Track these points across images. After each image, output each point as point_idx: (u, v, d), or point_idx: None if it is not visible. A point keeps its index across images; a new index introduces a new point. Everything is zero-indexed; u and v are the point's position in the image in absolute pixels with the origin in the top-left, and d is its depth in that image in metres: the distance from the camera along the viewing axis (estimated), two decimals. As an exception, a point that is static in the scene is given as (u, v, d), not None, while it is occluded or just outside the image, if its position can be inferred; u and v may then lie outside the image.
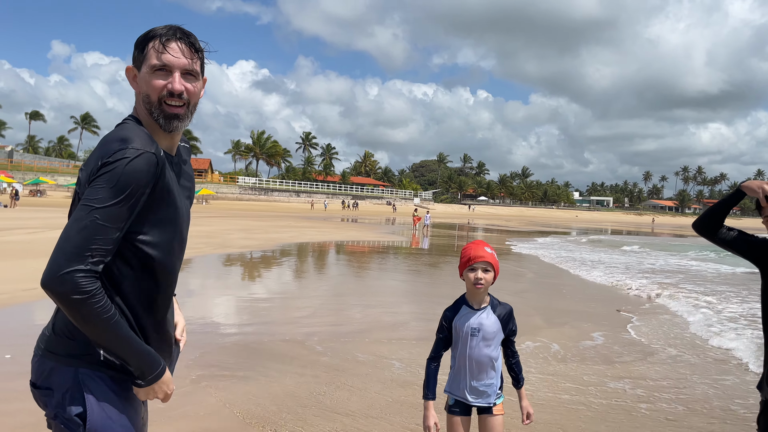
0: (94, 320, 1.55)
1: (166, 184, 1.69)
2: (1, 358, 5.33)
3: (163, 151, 1.72)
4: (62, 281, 1.51)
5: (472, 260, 2.64)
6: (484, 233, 37.97)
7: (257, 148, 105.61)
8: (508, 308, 2.74)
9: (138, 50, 1.71)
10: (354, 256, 18.60)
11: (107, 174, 1.56)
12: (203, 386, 4.83)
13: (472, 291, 2.67)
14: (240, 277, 12.10)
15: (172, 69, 1.68)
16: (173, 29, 1.70)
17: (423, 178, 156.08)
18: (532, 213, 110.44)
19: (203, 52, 1.78)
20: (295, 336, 6.79)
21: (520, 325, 2.96)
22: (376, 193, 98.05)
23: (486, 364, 2.65)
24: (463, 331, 2.66)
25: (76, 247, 1.53)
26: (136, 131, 1.65)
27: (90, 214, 1.54)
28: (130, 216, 1.60)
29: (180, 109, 1.70)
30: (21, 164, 69.52)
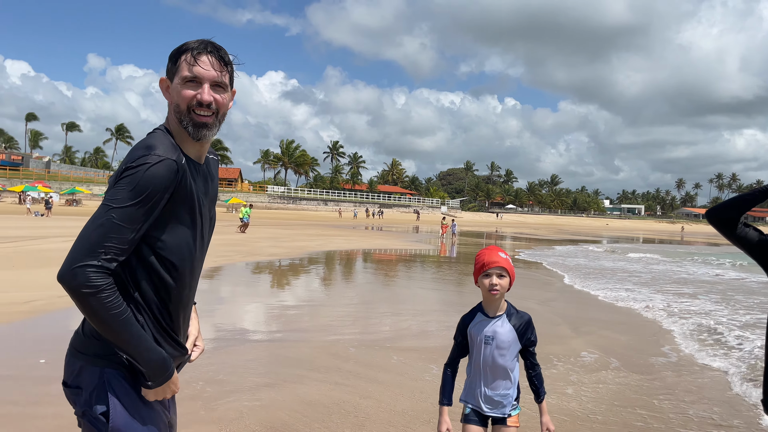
0: (102, 314, 1.59)
1: (187, 191, 1.74)
2: (36, 362, 5.46)
3: (189, 159, 1.78)
4: (74, 275, 1.57)
5: (486, 266, 2.60)
6: (512, 241, 37.58)
7: (286, 158, 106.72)
8: (525, 318, 2.67)
9: (171, 62, 1.79)
10: (381, 264, 18.59)
11: (128, 177, 1.63)
12: (230, 390, 4.87)
13: (488, 298, 2.64)
14: (268, 285, 12.20)
15: (202, 80, 1.75)
16: (204, 43, 1.78)
17: (450, 186, 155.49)
18: (561, 221, 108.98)
19: (232, 66, 1.84)
20: (323, 343, 6.80)
21: (548, 334, 2.91)
22: (403, 202, 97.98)
23: (501, 373, 2.60)
24: (477, 338, 2.63)
25: (90, 244, 1.60)
26: (162, 140, 1.72)
27: (107, 213, 1.61)
28: (146, 219, 1.65)
29: (208, 118, 1.77)
30: (58, 174, 71.45)
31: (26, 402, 4.37)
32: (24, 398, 4.45)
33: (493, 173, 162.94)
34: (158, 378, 1.71)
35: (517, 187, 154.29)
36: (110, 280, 1.61)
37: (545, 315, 9.10)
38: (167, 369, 1.73)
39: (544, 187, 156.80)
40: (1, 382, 4.85)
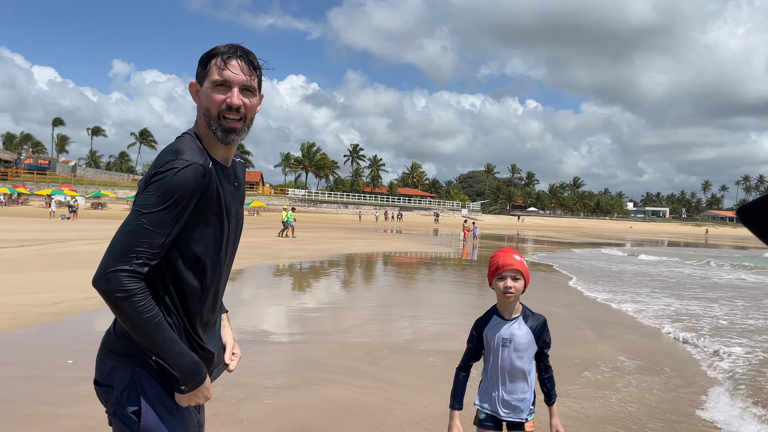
0: (134, 318, 1.62)
1: (215, 195, 1.76)
2: (64, 363, 5.56)
3: (216, 163, 1.80)
4: (108, 279, 1.60)
5: (500, 268, 2.58)
6: (533, 244, 37.29)
7: (306, 161, 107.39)
8: (541, 319, 2.66)
9: (201, 66, 1.81)
10: (402, 267, 18.58)
11: (157, 182, 1.66)
12: (253, 393, 4.90)
13: (503, 300, 2.62)
14: (290, 287, 12.27)
15: (231, 84, 1.77)
16: (234, 47, 1.80)
17: (471, 189, 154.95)
18: (583, 224, 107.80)
19: (261, 70, 1.86)
20: (345, 345, 6.82)
21: (570, 337, 2.88)
22: (424, 204, 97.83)
23: (518, 376, 2.58)
24: (494, 341, 2.61)
25: (122, 249, 1.62)
26: (189, 144, 1.74)
27: (138, 219, 1.64)
28: (176, 223, 1.68)
29: (237, 122, 1.78)
30: (84, 178, 72.77)
31: (55, 402, 4.45)
32: (52, 398, 4.53)
33: (515, 176, 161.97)
34: (190, 382, 1.73)
35: (539, 190, 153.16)
36: (142, 284, 1.63)
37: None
38: (199, 373, 1.74)
39: (566, 190, 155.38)
40: (30, 383, 4.95)
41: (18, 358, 5.71)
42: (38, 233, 23.05)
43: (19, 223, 31.20)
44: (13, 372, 5.24)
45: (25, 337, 6.52)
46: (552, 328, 2.69)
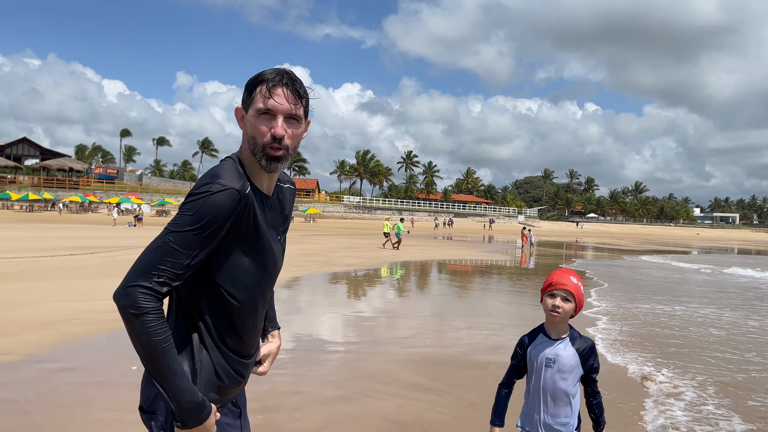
0: (143, 338, 1.58)
1: (251, 222, 1.74)
2: (129, 369, 5.76)
3: (258, 190, 1.79)
4: (126, 294, 1.59)
5: (553, 286, 2.51)
6: (594, 252, 36.21)
7: (361, 168, 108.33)
8: (589, 343, 2.56)
9: (247, 93, 1.80)
10: (457, 275, 18.40)
11: (190, 203, 1.66)
12: (308, 402, 4.93)
13: (549, 319, 2.54)
14: (345, 295, 12.35)
15: (276, 114, 1.74)
16: (280, 74, 1.76)
17: (527, 194, 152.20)
18: (647, 231, 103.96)
19: (308, 98, 1.82)
20: (399, 356, 6.79)
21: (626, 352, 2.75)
22: (479, 211, 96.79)
23: (561, 399, 2.48)
24: (538, 360, 2.53)
25: (146, 265, 1.62)
26: (228, 169, 1.74)
27: (165, 237, 1.64)
28: (203, 246, 1.65)
29: (280, 152, 1.76)
30: (149, 187, 75.84)
31: (119, 407, 4.61)
32: (117, 404, 4.70)
33: (573, 181, 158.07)
34: (189, 422, 1.65)
35: (599, 195, 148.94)
36: (158, 305, 1.61)
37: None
38: (199, 415, 1.65)
39: (627, 195, 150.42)
40: (97, 388, 5.15)
41: (85, 364, 5.96)
42: (106, 240, 24.14)
43: (87, 230, 32.79)
44: (80, 377, 5.48)
45: (92, 343, 6.81)
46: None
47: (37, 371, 5.54)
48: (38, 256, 15.90)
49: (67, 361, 5.95)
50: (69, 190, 66.30)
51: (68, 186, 67.88)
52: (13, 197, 58.91)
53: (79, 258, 15.92)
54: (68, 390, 5.06)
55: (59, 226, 36.41)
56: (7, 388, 5.00)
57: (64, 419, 4.34)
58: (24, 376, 5.38)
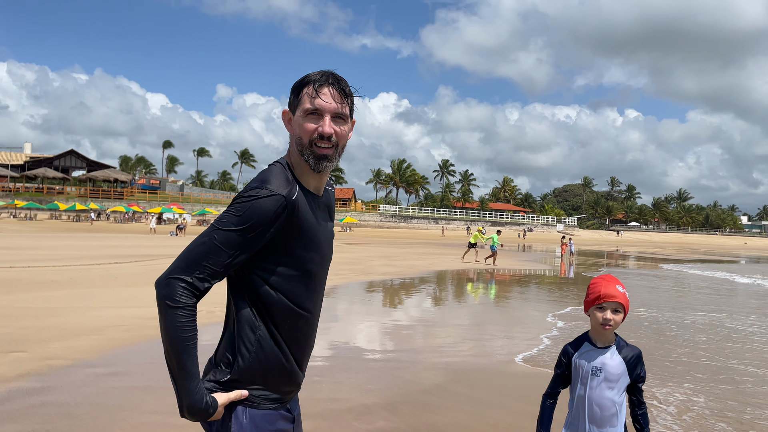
0: (171, 331, 1.62)
1: (301, 225, 1.76)
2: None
3: (308, 192, 1.82)
4: (167, 284, 1.64)
5: (602, 299, 2.43)
6: (636, 261, 35.35)
7: (397, 177, 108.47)
8: (636, 351, 2.49)
9: (293, 95, 1.83)
10: (495, 284, 18.20)
11: (238, 205, 1.70)
12: (346, 410, 4.93)
13: (599, 330, 2.47)
14: (381, 304, 12.36)
15: (323, 113, 1.77)
16: (326, 75, 1.80)
17: (566, 203, 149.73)
18: (691, 239, 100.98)
19: (353, 97, 1.86)
20: (437, 365, 6.75)
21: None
22: (516, 219, 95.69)
23: (608, 408, 2.42)
24: (584, 369, 2.47)
25: (190, 259, 1.66)
26: (277, 174, 1.77)
27: (211, 234, 1.68)
28: (245, 248, 1.69)
29: (329, 150, 1.79)
30: (190, 196, 77.60)
31: (165, 411, 4.71)
32: (163, 408, 4.80)
33: (614, 189, 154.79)
34: (189, 418, 1.70)
35: (641, 204, 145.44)
36: (194, 301, 1.65)
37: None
38: (199, 415, 1.69)
39: (671, 203, 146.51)
40: (144, 392, 5.28)
41: (131, 368, 6.12)
42: (148, 249, 24.76)
43: (129, 239, 33.69)
44: (127, 381, 5.62)
45: (137, 349, 6.98)
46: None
47: (86, 375, 5.71)
48: (85, 264, 16.43)
49: (114, 366, 6.12)
50: (114, 200, 68.38)
51: (113, 196, 70.00)
52: (61, 207, 61.08)
53: (123, 266, 16.38)
54: (115, 394, 5.20)
55: (104, 235, 37.55)
56: (57, 391, 5.17)
57: (111, 422, 4.46)
58: (73, 380, 5.56)
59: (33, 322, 8.04)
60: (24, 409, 4.67)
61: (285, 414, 1.84)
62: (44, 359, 6.17)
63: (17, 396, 4.98)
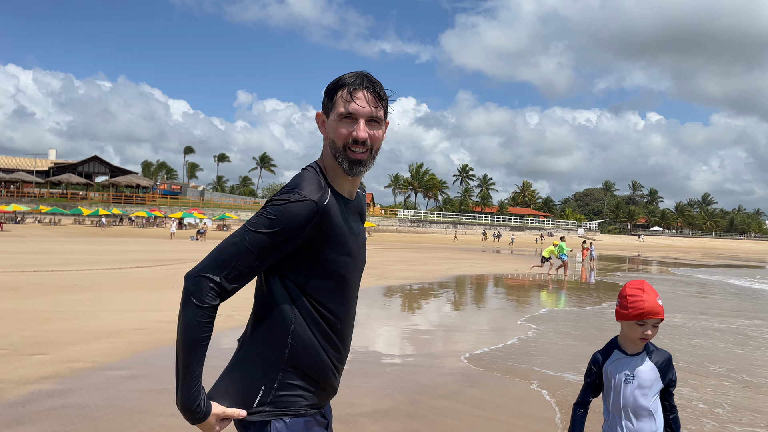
0: (188, 328, 1.63)
1: (333, 229, 1.74)
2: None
3: (340, 196, 1.80)
4: (196, 281, 1.64)
5: (645, 316, 2.36)
6: (659, 266, 34.82)
7: (415, 182, 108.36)
8: (666, 355, 2.44)
9: (327, 98, 1.81)
10: (513, 289, 18.07)
11: (269, 208, 1.69)
12: (362, 414, 4.92)
13: (634, 341, 2.42)
14: (400, 308, 12.32)
15: (357, 117, 1.75)
16: (360, 78, 1.77)
17: (587, 207, 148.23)
18: (715, 244, 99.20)
19: (387, 100, 1.83)
20: (455, 370, 6.70)
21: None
22: (536, 224, 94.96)
23: (644, 416, 2.37)
24: (616, 377, 2.42)
25: (221, 259, 1.66)
26: (310, 179, 1.75)
27: (242, 234, 1.68)
28: (273, 251, 1.68)
29: (363, 154, 1.77)
30: (210, 202, 78.38)
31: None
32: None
33: (636, 193, 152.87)
34: (184, 417, 1.70)
35: (664, 208, 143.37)
36: (217, 303, 1.65)
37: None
38: (194, 416, 1.68)
39: (694, 208, 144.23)
40: (162, 395, 5.31)
41: (151, 372, 6.17)
42: (168, 254, 25.03)
43: (149, 244, 34.10)
44: (146, 384, 5.67)
45: (157, 352, 7.04)
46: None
47: (106, 378, 5.77)
48: (106, 268, 16.66)
49: (133, 369, 6.18)
50: (136, 205, 69.33)
51: (135, 201, 70.99)
52: (85, 213, 62.09)
53: (144, 270, 16.57)
54: (135, 396, 5.25)
55: (125, 239, 38.06)
56: (77, 393, 5.24)
57: (130, 425, 4.50)
58: (93, 382, 5.62)
59: (55, 325, 8.17)
60: (45, 411, 4.73)
61: (320, 420, 1.83)
62: (66, 362, 6.26)
63: (39, 398, 5.05)
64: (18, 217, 62.38)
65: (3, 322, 8.24)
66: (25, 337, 7.33)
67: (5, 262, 17.63)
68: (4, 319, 8.42)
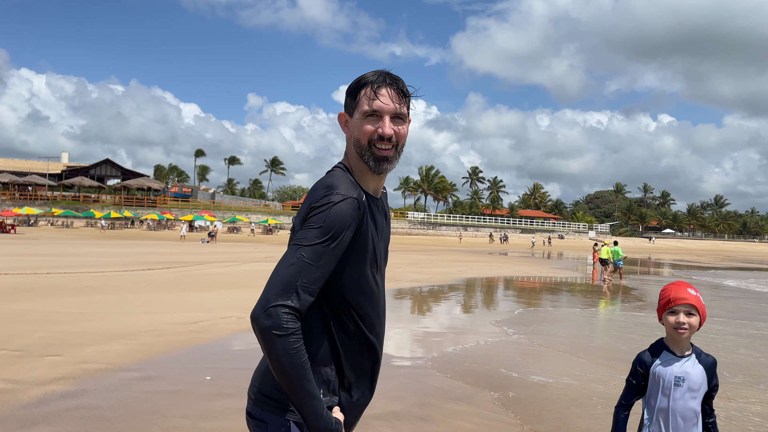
0: (284, 360, 1.56)
1: (367, 228, 1.74)
2: (203, 379, 5.94)
3: (368, 195, 1.79)
4: (269, 315, 1.56)
5: (672, 302, 2.39)
6: (671, 269, 34.52)
7: (425, 184, 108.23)
8: (712, 359, 2.44)
9: (350, 97, 1.81)
10: (524, 292, 17.98)
11: (315, 217, 1.65)
12: (374, 416, 4.90)
13: (674, 336, 2.41)
14: (410, 311, 12.29)
15: (382, 114, 1.75)
16: (383, 75, 1.78)
17: (598, 209, 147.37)
18: (728, 247, 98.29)
19: (410, 97, 1.83)
20: (467, 372, 6.67)
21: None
22: (547, 227, 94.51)
23: (691, 419, 2.35)
24: (665, 379, 2.39)
25: (283, 283, 1.60)
26: (341, 178, 1.74)
27: (297, 252, 1.63)
28: (334, 257, 1.66)
29: (389, 151, 1.77)
30: (221, 204, 78.69)
31: (195, 415, 4.75)
32: (193, 412, 4.84)
33: (647, 195, 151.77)
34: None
35: (676, 210, 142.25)
36: (299, 324, 1.60)
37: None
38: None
39: (707, 210, 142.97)
40: (174, 396, 5.33)
41: (163, 373, 6.19)
42: (180, 256, 25.16)
43: (160, 246, 34.29)
44: (159, 386, 5.69)
45: (169, 354, 7.06)
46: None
47: (118, 379, 5.80)
48: (118, 270, 16.76)
49: (146, 370, 6.20)
50: (147, 208, 69.75)
51: (147, 204, 71.42)
52: (97, 215, 62.58)
53: (155, 272, 16.66)
54: (147, 398, 5.26)
55: (137, 242, 38.31)
56: (91, 394, 5.26)
57: (143, 426, 4.51)
58: (106, 383, 5.65)
59: (69, 327, 8.22)
60: (59, 412, 4.75)
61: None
62: (79, 363, 6.29)
63: (53, 399, 5.08)
64: (31, 219, 62.97)
65: (17, 323, 8.31)
66: (38, 338, 7.38)
67: (19, 264, 17.79)
68: (19, 321, 8.49)
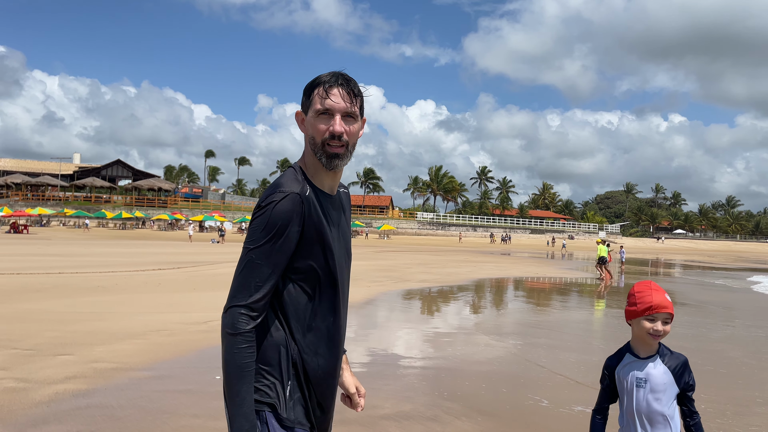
0: (228, 357, 1.68)
1: (315, 222, 1.79)
2: (212, 378, 5.96)
3: (321, 191, 1.86)
4: (226, 315, 1.71)
5: (654, 309, 2.33)
6: (682, 270, 34.24)
7: (434, 185, 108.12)
8: (681, 359, 2.38)
9: (305, 96, 1.89)
10: (534, 292, 17.91)
11: (259, 217, 1.75)
12: (382, 417, 4.89)
13: (647, 341, 2.38)
14: (419, 311, 12.28)
15: (333, 112, 1.82)
16: (336, 76, 1.85)
17: (609, 210, 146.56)
18: (740, 248, 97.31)
19: (362, 96, 1.90)
20: (477, 373, 6.65)
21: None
22: (556, 227, 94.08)
23: (658, 421, 2.31)
24: (627, 381, 2.37)
25: (238, 285, 1.72)
26: (289, 176, 1.83)
27: (247, 255, 1.74)
28: (282, 253, 1.73)
29: (340, 149, 1.84)
30: (231, 205, 79.10)
31: (205, 415, 4.76)
32: (203, 411, 4.86)
33: (658, 195, 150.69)
34: None
35: (687, 210, 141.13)
36: (252, 325, 1.70)
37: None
38: None
39: (719, 210, 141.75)
40: (184, 396, 5.36)
41: (173, 372, 6.22)
42: (190, 256, 25.29)
43: (170, 246, 34.47)
44: (169, 385, 5.72)
45: (179, 353, 7.10)
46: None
47: (129, 379, 5.83)
48: (129, 270, 16.88)
49: (156, 370, 6.23)
50: (158, 208, 70.20)
51: (157, 205, 71.88)
52: (108, 216, 63.05)
53: (165, 272, 16.75)
54: (157, 397, 5.29)
55: (147, 242, 38.55)
56: (101, 393, 5.30)
57: (153, 425, 4.53)
58: (117, 383, 5.68)
59: (80, 326, 8.28)
60: (70, 411, 4.79)
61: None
62: (90, 362, 6.34)
63: (64, 398, 5.12)
64: (43, 220, 63.53)
65: (29, 323, 8.39)
66: (50, 337, 7.44)
67: (32, 264, 17.96)
68: (30, 320, 8.57)
